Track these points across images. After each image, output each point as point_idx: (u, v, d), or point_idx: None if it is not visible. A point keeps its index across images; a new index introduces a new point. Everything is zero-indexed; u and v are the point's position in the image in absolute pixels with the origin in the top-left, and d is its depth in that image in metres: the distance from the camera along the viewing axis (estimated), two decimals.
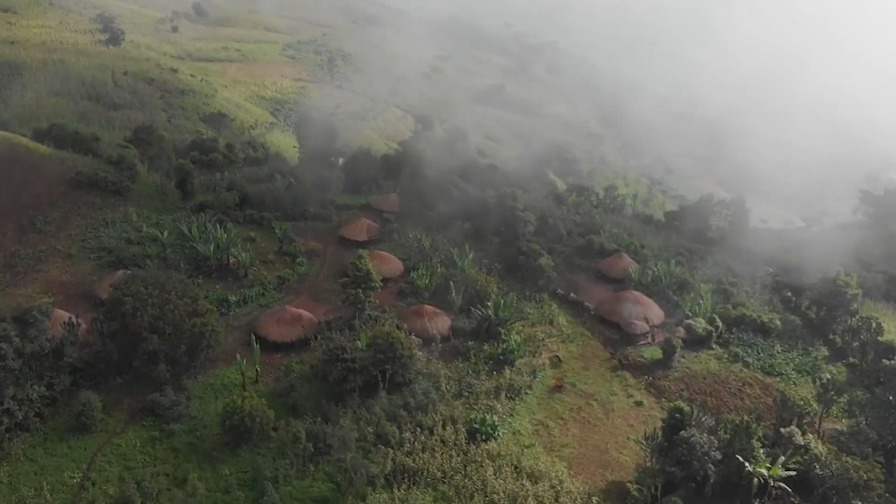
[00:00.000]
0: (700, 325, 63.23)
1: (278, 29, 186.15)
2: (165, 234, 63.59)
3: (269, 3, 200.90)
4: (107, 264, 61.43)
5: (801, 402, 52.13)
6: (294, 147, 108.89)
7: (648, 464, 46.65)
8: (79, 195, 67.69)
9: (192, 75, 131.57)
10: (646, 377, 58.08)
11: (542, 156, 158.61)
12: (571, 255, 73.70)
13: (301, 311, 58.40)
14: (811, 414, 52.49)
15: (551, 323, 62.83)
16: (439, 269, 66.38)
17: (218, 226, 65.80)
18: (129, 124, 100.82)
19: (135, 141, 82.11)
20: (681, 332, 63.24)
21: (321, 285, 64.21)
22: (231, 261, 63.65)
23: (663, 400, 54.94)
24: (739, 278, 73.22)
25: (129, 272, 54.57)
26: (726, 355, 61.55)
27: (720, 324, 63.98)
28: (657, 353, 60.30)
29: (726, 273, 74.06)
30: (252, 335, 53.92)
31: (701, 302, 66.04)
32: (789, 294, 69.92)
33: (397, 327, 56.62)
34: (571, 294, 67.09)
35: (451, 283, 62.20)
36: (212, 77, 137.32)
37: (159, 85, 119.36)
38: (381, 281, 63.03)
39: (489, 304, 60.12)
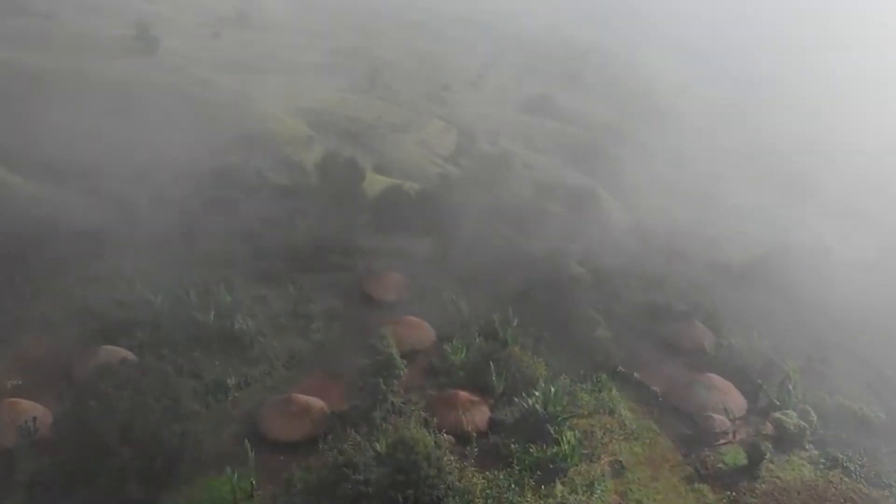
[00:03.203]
0: (791, 419, 50.31)
1: (322, 35, 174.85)
2: (159, 298, 52.47)
3: (314, 8, 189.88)
4: (91, 334, 50.41)
5: None
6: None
7: None
8: (69, 244, 56.93)
9: (228, 86, 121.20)
10: (728, 492, 45.33)
11: (589, 168, 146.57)
12: (631, 317, 61.07)
13: (310, 399, 46.81)
14: None
15: (611, 413, 50.24)
16: (477, 340, 54.41)
17: (222, 286, 54.63)
18: (152, 144, 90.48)
19: (143, 174, 71.09)
20: (768, 428, 50.55)
21: (339, 357, 52.59)
22: (236, 327, 52.31)
23: None
24: (829, 349, 60.00)
25: (98, 364, 43.54)
26: (823, 459, 48.58)
27: (814, 417, 51.10)
28: (741, 457, 47.59)
29: (815, 345, 60.67)
30: (247, 441, 42.49)
31: (791, 388, 53.07)
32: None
33: (425, 421, 45.31)
34: (635, 374, 54.43)
35: (492, 364, 50.23)
36: (250, 87, 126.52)
37: (189, 99, 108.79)
38: (410, 353, 51.89)
39: (537, 393, 47.98)
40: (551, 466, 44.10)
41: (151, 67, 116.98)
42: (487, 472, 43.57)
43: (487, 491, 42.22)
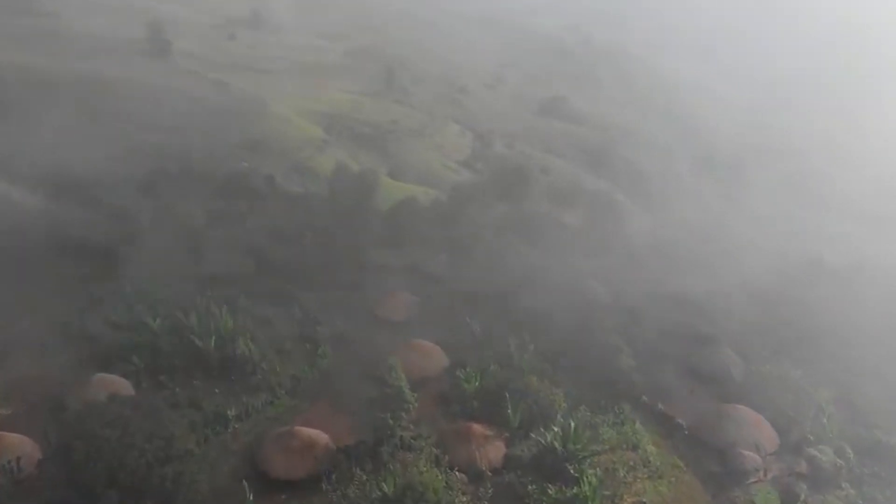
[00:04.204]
0: (826, 455, 46.73)
1: (338, 37, 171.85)
2: (157, 322, 49.44)
3: (330, 9, 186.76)
4: (86, 358, 47.44)
5: None
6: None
7: None
8: (66, 264, 53.93)
9: (242, 89, 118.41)
10: None
11: (608, 172, 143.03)
12: (654, 341, 57.41)
13: (314, 433, 43.56)
14: None
15: (635, 448, 46.67)
16: (491, 367, 51.03)
17: (224, 308, 51.55)
18: (161, 151, 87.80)
19: (149, 185, 68.17)
20: (802, 465, 46.94)
21: (346, 385, 49.37)
22: (238, 352, 49.20)
23: None
24: (865, 377, 56.12)
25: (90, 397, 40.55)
26: (860, 500, 44.95)
27: (851, 453, 47.47)
28: (772, 498, 44.01)
29: (848, 372, 56.80)
30: (245, 482, 39.44)
31: (825, 421, 49.39)
32: None
33: (436, 458, 42.14)
34: (659, 405, 50.84)
35: (507, 395, 46.86)
36: (264, 90, 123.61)
37: (202, 102, 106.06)
38: (420, 380, 48.94)
39: (555, 429, 44.59)
40: None
41: (163, 70, 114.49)
42: None
43: None
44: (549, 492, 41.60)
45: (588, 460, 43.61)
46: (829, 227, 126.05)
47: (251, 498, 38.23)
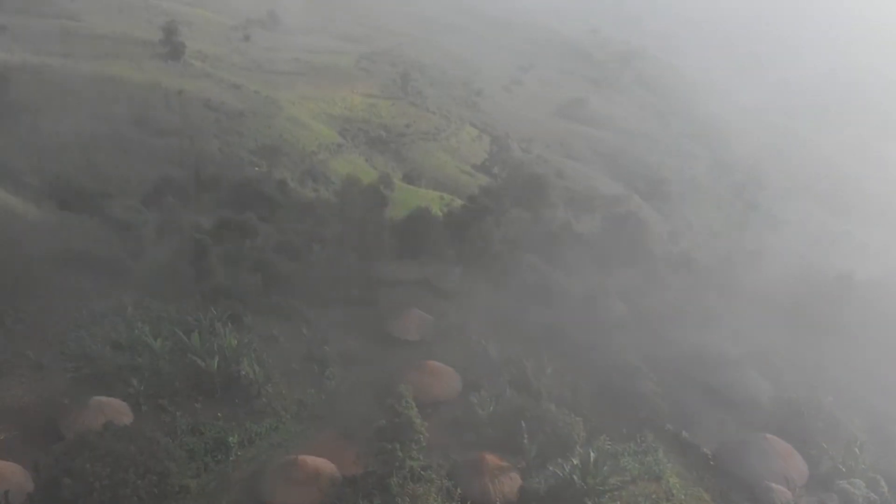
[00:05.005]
0: (859, 489, 43.79)
1: (355, 38, 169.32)
2: (159, 342, 47.02)
3: (347, 11, 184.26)
4: (84, 380, 45.12)
5: None
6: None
7: None
8: (66, 279, 51.61)
9: (256, 91, 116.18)
10: None
11: (626, 176, 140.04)
12: (678, 363, 54.41)
13: (319, 462, 41.10)
14: None
15: (657, 479, 43.89)
16: (507, 391, 48.28)
17: (229, 325, 49.08)
18: (173, 156, 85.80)
19: (156, 193, 65.81)
20: (833, 499, 43.95)
21: (354, 410, 46.78)
22: (242, 374, 46.70)
23: None
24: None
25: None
26: None
27: (885, 487, 44.45)
28: None
29: (882, 396, 53.58)
30: None
31: (858, 452, 46.31)
32: None
33: (447, 491, 39.60)
34: (683, 432, 47.91)
35: (524, 424, 44.10)
36: (279, 92, 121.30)
37: (216, 106, 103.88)
38: (433, 404, 46.32)
39: (574, 461, 41.81)
40: None
41: (176, 72, 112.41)
42: None
43: None
44: None
45: (608, 494, 40.88)
46: (856, 234, 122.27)
47: None
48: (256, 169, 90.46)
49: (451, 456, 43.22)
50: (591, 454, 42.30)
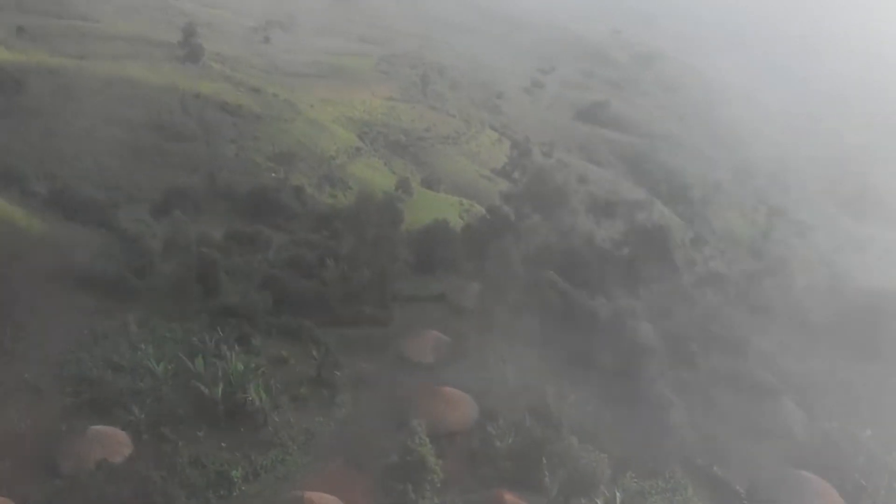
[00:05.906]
0: None
1: (374, 40, 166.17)
2: (161, 366, 44.22)
3: (365, 13, 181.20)
4: (83, 405, 42.47)
5: None
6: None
7: None
8: (68, 295, 49.01)
9: (275, 94, 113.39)
10: None
11: (648, 181, 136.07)
12: (708, 389, 50.86)
13: (327, 499, 38.19)
14: None
15: None
16: (526, 421, 45.01)
17: (236, 347, 46.21)
18: (189, 162, 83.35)
19: (167, 203, 63.02)
20: None
21: (365, 440, 43.72)
22: (248, 400, 43.79)
23: None
24: None
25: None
26: None
27: None
28: None
29: None
30: None
31: None
32: None
33: None
34: (714, 468, 44.46)
35: (544, 459, 40.85)
36: (298, 95, 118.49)
37: (233, 110, 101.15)
38: (448, 435, 43.26)
39: (599, 502, 38.55)
40: None
41: (196, 75, 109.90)
42: None
43: None
44: None
45: None
46: (881, 239, 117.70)
47: None
48: (273, 175, 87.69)
49: (467, 495, 40.04)
50: (618, 494, 39.19)
